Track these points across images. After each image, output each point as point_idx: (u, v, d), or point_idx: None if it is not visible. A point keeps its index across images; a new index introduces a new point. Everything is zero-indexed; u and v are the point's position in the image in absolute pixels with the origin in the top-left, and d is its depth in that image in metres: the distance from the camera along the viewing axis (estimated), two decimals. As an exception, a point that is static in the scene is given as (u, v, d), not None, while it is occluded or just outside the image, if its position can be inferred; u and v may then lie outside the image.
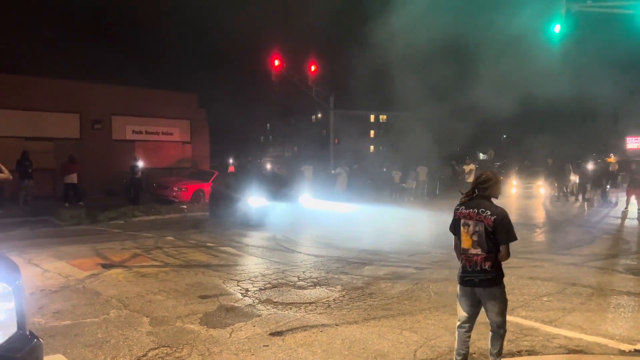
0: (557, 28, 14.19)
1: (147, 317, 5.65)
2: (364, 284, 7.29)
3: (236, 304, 6.19)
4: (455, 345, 4.18)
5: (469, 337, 4.15)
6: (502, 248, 3.91)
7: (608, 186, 20.59)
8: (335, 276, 7.75)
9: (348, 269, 8.31)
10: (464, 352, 4.10)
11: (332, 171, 24.50)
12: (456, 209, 4.12)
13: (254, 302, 6.27)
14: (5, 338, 2.71)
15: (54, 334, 5.03)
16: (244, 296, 6.55)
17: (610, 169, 21.56)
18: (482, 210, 3.91)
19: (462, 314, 4.12)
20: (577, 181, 22.95)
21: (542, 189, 22.46)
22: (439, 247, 10.48)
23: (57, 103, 20.01)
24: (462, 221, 4.01)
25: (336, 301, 6.38)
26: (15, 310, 2.81)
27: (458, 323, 4.16)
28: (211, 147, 27.15)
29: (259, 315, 5.75)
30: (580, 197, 22.37)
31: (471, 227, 3.94)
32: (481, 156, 49.53)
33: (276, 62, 23.41)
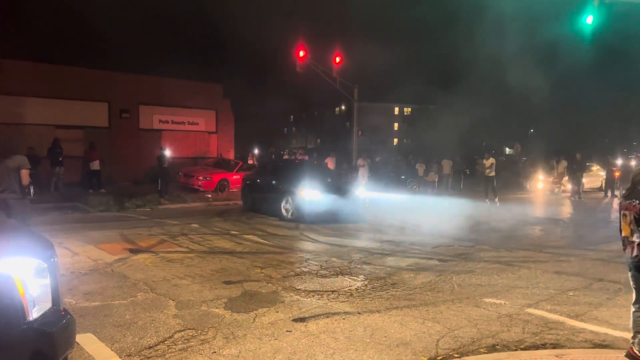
0: (589, 19, 13.82)
1: (173, 300, 5.77)
2: (387, 274, 7.29)
3: (260, 290, 6.27)
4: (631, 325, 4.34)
5: None
6: None
7: None
8: (358, 266, 7.77)
9: (371, 259, 8.32)
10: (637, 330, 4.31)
11: (355, 163, 24.45)
12: (619, 203, 4.52)
13: (277, 289, 6.34)
14: (41, 313, 2.81)
15: (84, 314, 5.18)
16: (268, 283, 6.63)
17: None
18: (633, 200, 4.26)
19: (634, 296, 4.36)
20: (605, 176, 22.54)
21: (570, 184, 22.05)
22: (463, 239, 10.41)
23: (87, 92, 20.42)
24: (622, 212, 4.36)
25: (359, 290, 6.40)
26: (50, 286, 2.91)
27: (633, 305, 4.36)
28: (235, 138, 27.36)
29: (282, 302, 5.81)
30: (609, 193, 21.92)
31: (628, 217, 4.28)
32: (507, 151, 48.74)
33: (301, 53, 23.39)
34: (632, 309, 4.32)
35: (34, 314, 2.73)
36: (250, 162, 22.75)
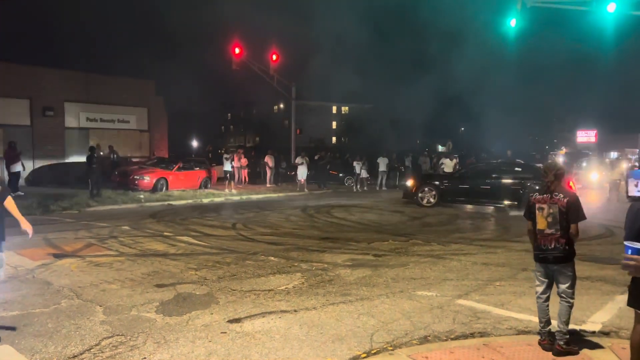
0: (513, 22, 14.58)
1: (100, 306, 5.51)
2: (323, 270, 7.33)
3: (194, 292, 6.11)
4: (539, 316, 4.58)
5: (547, 305, 4.56)
6: (572, 227, 4.38)
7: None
8: (296, 264, 7.76)
9: (308, 256, 8.34)
10: (545, 319, 4.52)
11: (293, 162, 24.48)
12: (530, 196, 4.66)
13: (212, 290, 6.20)
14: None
15: (0, 325, 4.83)
16: (202, 285, 6.47)
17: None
18: (555, 194, 4.43)
19: (538, 287, 4.60)
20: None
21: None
22: (398, 234, 10.68)
23: (5, 88, 19.10)
24: (537, 206, 4.51)
25: (295, 288, 6.39)
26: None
27: (536, 295, 4.61)
28: (170, 136, 26.60)
29: (217, 303, 5.69)
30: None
31: (545, 210, 4.44)
32: (440, 148, 50.53)
33: (237, 50, 23.12)
34: (539, 300, 4.58)
35: None
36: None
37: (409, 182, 17.01)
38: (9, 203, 4.84)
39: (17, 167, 16.49)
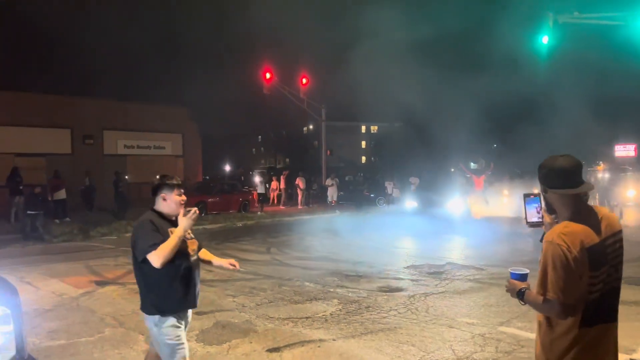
0: (545, 39, 14.42)
1: (142, 334, 5.60)
2: (361, 297, 7.28)
3: (233, 320, 6.16)
4: None
5: None
6: None
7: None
8: (332, 290, 7.73)
9: (345, 282, 8.30)
10: None
11: (324, 183, 24.56)
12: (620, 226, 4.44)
13: (250, 318, 6.24)
14: (4, 362, 2.68)
15: (49, 354, 4.97)
16: (241, 312, 6.52)
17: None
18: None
19: None
20: None
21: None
22: (433, 258, 10.53)
23: (48, 118, 19.96)
24: None
25: (333, 315, 6.36)
26: (14, 333, 2.79)
27: None
28: (203, 160, 27.14)
29: (255, 331, 5.72)
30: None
31: None
32: (472, 165, 49.79)
33: (267, 75, 23.54)
34: None
35: (-4, 364, 2.60)
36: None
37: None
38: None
39: (62, 195, 17.13)
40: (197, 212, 3.46)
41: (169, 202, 3.44)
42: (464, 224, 15.69)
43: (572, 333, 2.32)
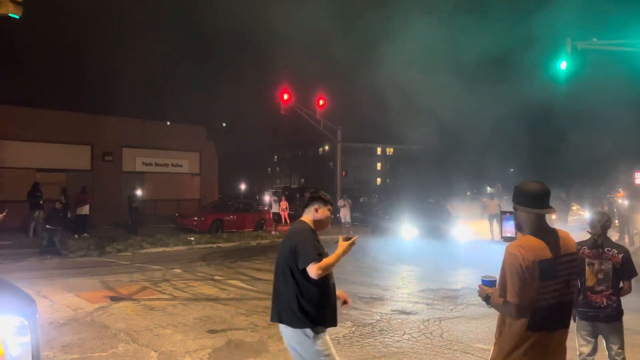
0: (563, 65, 14.38)
1: (155, 351, 5.61)
2: (374, 320, 7.21)
3: (245, 339, 6.13)
4: None
5: None
6: (626, 284, 4.19)
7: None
8: (345, 312, 7.66)
9: (358, 304, 8.23)
10: None
11: (338, 204, 24.52)
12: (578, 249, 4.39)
13: (262, 337, 6.21)
14: (20, 373, 2.70)
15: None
16: (253, 331, 6.49)
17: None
18: (607, 249, 4.19)
19: (584, 348, 4.28)
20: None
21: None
22: (448, 282, 10.40)
23: (69, 135, 20.32)
24: (587, 261, 4.21)
25: (346, 337, 6.30)
26: (31, 344, 2.82)
27: (580, 356, 4.30)
28: (219, 178, 27.35)
29: (267, 351, 5.69)
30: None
31: (596, 266, 4.19)
32: (489, 189, 49.37)
33: (285, 96, 23.80)
34: None
35: (13, 374, 2.63)
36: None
37: None
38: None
39: (85, 210, 17.38)
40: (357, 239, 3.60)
41: (320, 214, 3.63)
42: (481, 248, 15.49)
43: (518, 335, 2.61)
